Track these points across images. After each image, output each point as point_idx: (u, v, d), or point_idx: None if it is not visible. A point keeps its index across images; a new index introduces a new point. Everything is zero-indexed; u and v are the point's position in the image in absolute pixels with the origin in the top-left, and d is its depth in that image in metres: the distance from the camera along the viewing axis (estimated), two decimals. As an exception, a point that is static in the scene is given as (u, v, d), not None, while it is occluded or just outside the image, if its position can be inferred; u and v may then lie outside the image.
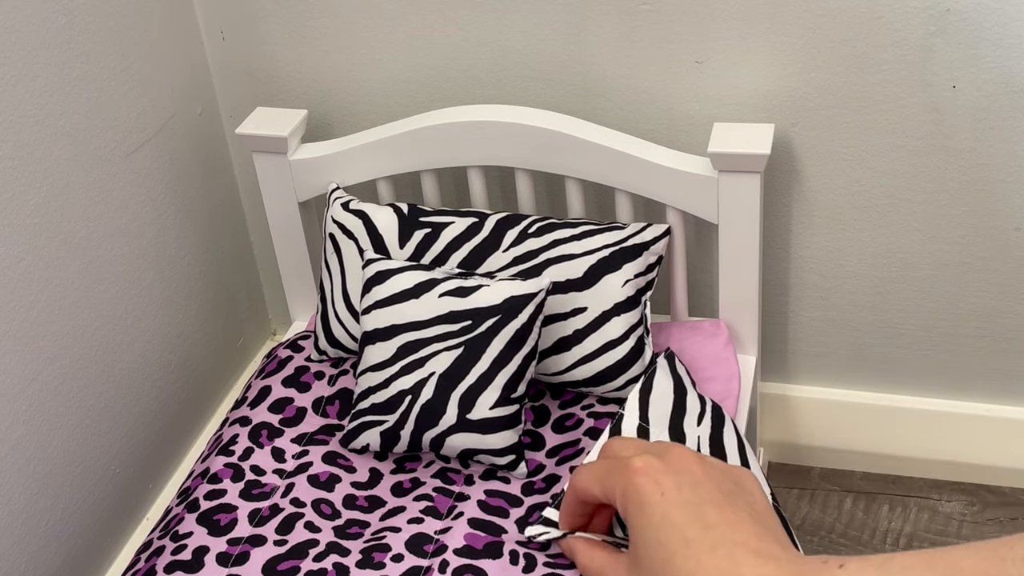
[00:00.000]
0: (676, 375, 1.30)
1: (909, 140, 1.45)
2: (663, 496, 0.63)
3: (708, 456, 0.71)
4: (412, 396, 1.31)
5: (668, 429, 1.17)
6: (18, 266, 1.34)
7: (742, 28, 1.42)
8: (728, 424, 1.27)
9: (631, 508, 0.64)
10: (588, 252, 1.40)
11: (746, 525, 0.61)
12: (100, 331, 1.50)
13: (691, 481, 0.64)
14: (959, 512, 1.68)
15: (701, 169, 1.40)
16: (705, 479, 0.65)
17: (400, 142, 1.50)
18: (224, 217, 1.78)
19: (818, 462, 1.79)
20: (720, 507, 0.62)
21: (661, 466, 0.65)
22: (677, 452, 0.67)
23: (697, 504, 0.62)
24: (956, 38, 1.36)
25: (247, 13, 1.60)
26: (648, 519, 0.63)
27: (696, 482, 0.64)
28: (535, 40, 1.50)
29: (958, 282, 1.56)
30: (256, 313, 1.92)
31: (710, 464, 0.67)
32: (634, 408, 1.19)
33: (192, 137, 1.67)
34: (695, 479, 0.65)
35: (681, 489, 0.64)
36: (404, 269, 1.37)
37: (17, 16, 1.30)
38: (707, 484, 0.64)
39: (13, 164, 1.32)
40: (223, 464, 1.36)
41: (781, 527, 0.66)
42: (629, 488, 0.65)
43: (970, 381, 1.65)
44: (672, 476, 0.64)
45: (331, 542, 1.25)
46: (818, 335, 1.67)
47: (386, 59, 1.58)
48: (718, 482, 0.65)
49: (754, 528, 0.61)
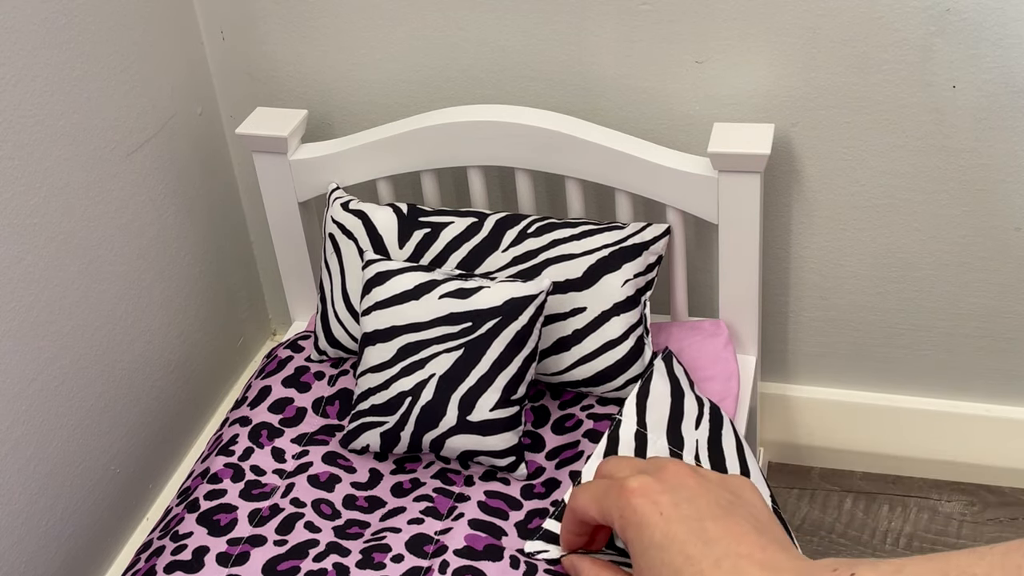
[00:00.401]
0: (673, 377, 1.30)
1: (909, 140, 1.45)
2: (662, 515, 0.63)
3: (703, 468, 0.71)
4: (412, 397, 1.31)
5: (666, 433, 1.17)
6: (18, 266, 1.34)
7: (742, 28, 1.42)
8: (727, 426, 1.27)
9: (630, 531, 0.64)
10: (588, 252, 1.40)
11: (749, 536, 0.61)
12: (100, 331, 1.50)
13: (688, 496, 0.64)
14: (959, 512, 1.68)
15: (701, 169, 1.40)
16: (702, 493, 0.65)
17: (400, 142, 1.50)
18: (224, 217, 1.78)
19: (818, 462, 1.79)
20: (720, 520, 0.62)
21: (657, 485, 0.65)
22: (672, 468, 0.67)
23: (697, 519, 0.62)
24: (956, 38, 1.36)
25: (247, 13, 1.60)
26: (649, 539, 0.63)
27: (693, 497, 0.64)
28: (535, 40, 1.50)
29: (958, 282, 1.55)
30: (256, 313, 1.92)
31: (706, 477, 0.67)
32: (631, 413, 1.19)
33: (192, 137, 1.67)
34: (692, 494, 0.64)
35: (679, 506, 0.63)
36: (404, 270, 1.37)
37: (17, 16, 1.30)
38: (705, 497, 0.64)
39: (13, 164, 1.32)
40: (223, 464, 1.36)
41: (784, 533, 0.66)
42: (627, 510, 0.64)
43: (970, 381, 1.65)
44: (668, 494, 0.64)
45: (331, 542, 1.25)
46: (818, 335, 1.67)
47: (386, 59, 1.58)
48: (716, 494, 0.65)
49: (757, 539, 0.61)
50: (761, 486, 1.19)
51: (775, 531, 0.64)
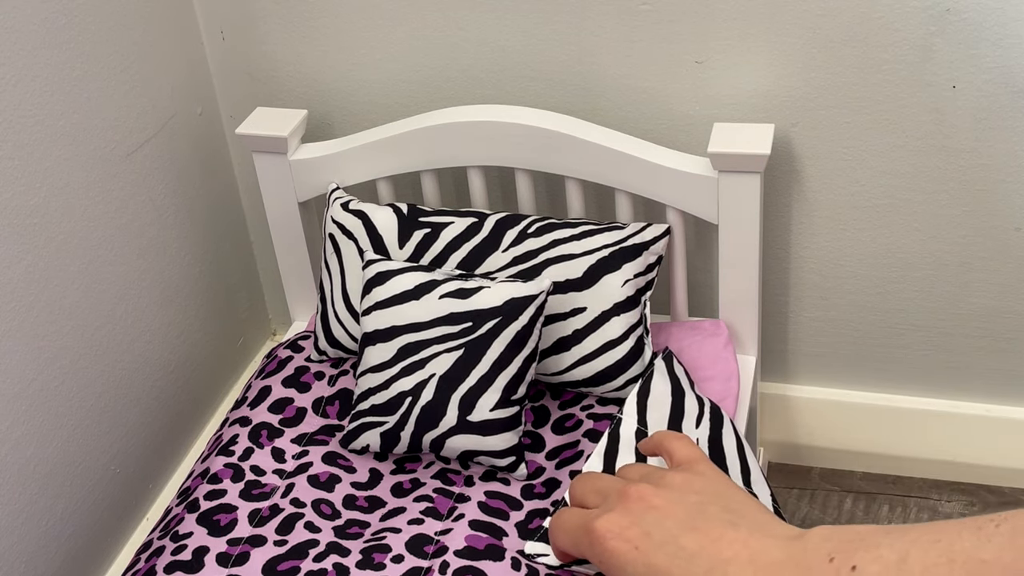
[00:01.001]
0: (674, 376, 1.30)
1: (909, 140, 1.45)
2: (637, 549, 0.63)
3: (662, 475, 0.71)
4: (412, 397, 1.31)
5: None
6: (18, 266, 1.34)
7: (742, 28, 1.42)
8: (727, 425, 1.27)
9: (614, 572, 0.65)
10: (588, 252, 1.40)
11: (726, 535, 0.61)
12: (100, 331, 1.50)
13: (656, 519, 0.64)
14: (959, 512, 1.68)
15: (701, 169, 1.40)
16: (669, 510, 0.65)
17: (400, 142, 1.50)
18: (224, 217, 1.78)
19: (818, 462, 1.79)
20: (694, 531, 0.62)
21: (623, 519, 0.65)
22: (634, 493, 0.67)
23: (672, 541, 0.62)
24: (956, 38, 1.36)
25: (247, 13, 1.60)
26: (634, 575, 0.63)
27: (661, 519, 0.64)
28: (535, 40, 1.50)
29: (958, 282, 1.56)
30: (256, 313, 1.92)
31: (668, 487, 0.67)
32: (632, 411, 1.19)
33: (192, 137, 1.67)
34: (659, 515, 0.64)
35: (650, 535, 0.63)
36: (404, 270, 1.37)
37: (17, 16, 1.30)
38: (672, 515, 0.64)
39: (13, 164, 1.32)
40: (223, 464, 1.36)
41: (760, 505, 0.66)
42: (603, 555, 0.65)
43: (970, 381, 1.65)
44: (637, 526, 0.64)
45: (331, 542, 1.25)
46: (818, 335, 1.67)
47: (386, 59, 1.58)
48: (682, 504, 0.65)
49: (735, 535, 0.61)
50: (761, 486, 1.19)
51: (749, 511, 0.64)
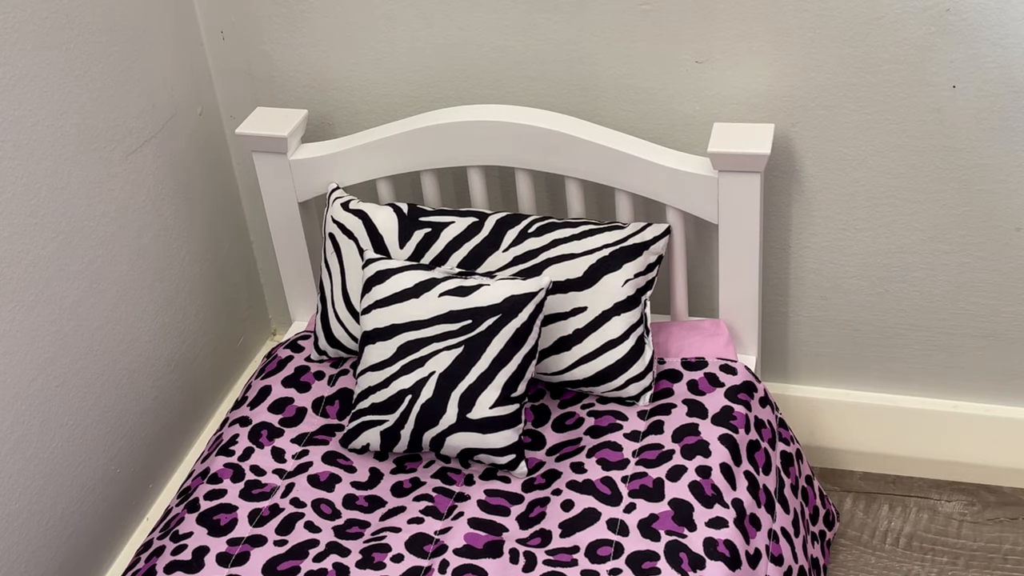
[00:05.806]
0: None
1: (909, 140, 1.45)
2: None
3: None
4: (412, 395, 1.31)
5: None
6: (18, 266, 1.34)
7: (742, 28, 1.42)
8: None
9: None
10: (588, 252, 1.40)
11: None
12: (100, 331, 1.50)
13: None
14: (959, 512, 1.68)
15: (701, 169, 1.40)
16: None
17: (400, 142, 1.50)
18: (224, 217, 1.78)
19: (818, 462, 1.78)
20: None
21: None
22: None
23: None
24: (956, 38, 1.36)
25: (247, 13, 1.60)
26: None
27: None
28: (535, 40, 1.50)
29: (958, 282, 1.56)
30: (256, 313, 1.92)
31: None
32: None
33: (192, 137, 1.67)
34: None
35: None
36: (404, 269, 1.37)
37: (17, 16, 1.30)
38: None
39: (13, 164, 1.32)
40: (223, 464, 1.36)
41: None
42: None
43: (970, 381, 1.65)
44: None
45: (331, 542, 1.25)
46: (818, 335, 1.67)
47: (386, 59, 1.58)
48: None
49: None
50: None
51: None
